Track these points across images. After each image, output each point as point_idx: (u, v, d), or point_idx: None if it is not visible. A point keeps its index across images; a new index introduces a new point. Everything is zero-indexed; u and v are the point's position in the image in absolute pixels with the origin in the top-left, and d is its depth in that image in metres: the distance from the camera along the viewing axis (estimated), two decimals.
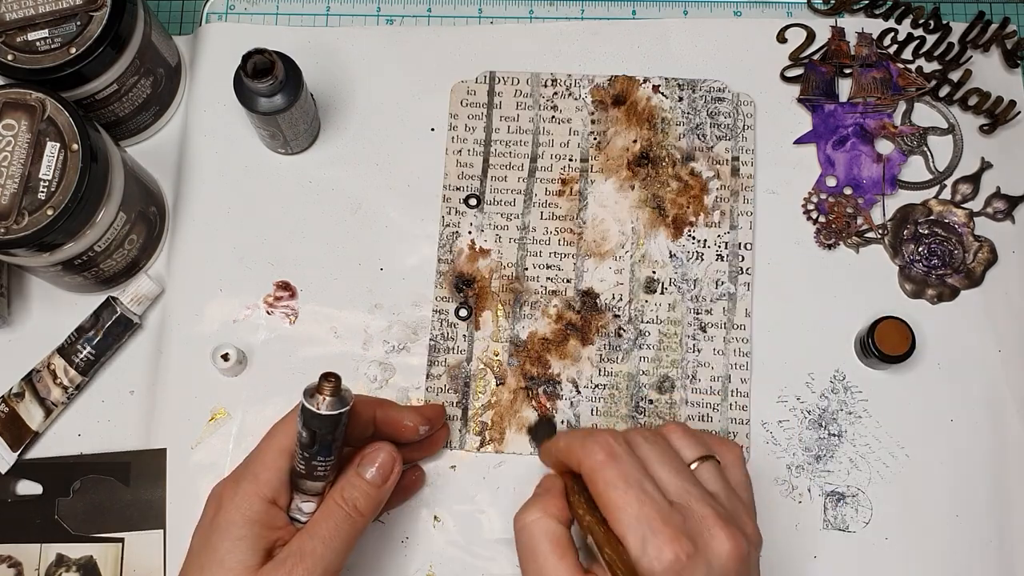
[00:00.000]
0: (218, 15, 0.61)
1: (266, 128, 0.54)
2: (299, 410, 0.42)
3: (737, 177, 0.57)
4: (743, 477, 0.45)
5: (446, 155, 0.58)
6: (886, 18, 0.60)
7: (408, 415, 0.49)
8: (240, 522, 0.43)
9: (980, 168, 0.58)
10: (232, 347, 0.54)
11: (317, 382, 0.42)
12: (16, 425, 0.53)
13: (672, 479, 0.42)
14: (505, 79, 0.59)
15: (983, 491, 0.53)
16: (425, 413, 0.50)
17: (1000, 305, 0.56)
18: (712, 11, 0.61)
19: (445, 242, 0.57)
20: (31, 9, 0.50)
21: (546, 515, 0.42)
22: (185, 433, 0.54)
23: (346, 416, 0.42)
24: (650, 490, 0.41)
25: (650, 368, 0.55)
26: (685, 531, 0.39)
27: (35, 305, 0.56)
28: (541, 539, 0.42)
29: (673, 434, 0.45)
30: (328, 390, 0.41)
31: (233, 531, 0.42)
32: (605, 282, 0.56)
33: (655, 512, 0.40)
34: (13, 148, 0.47)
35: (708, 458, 0.44)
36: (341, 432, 0.43)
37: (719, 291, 0.56)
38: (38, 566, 0.53)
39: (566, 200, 0.57)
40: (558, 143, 0.58)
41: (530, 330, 0.56)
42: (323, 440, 0.42)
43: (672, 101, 0.59)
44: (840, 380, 0.55)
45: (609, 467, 0.41)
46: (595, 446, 0.42)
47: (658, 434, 0.45)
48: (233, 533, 0.42)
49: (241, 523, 0.43)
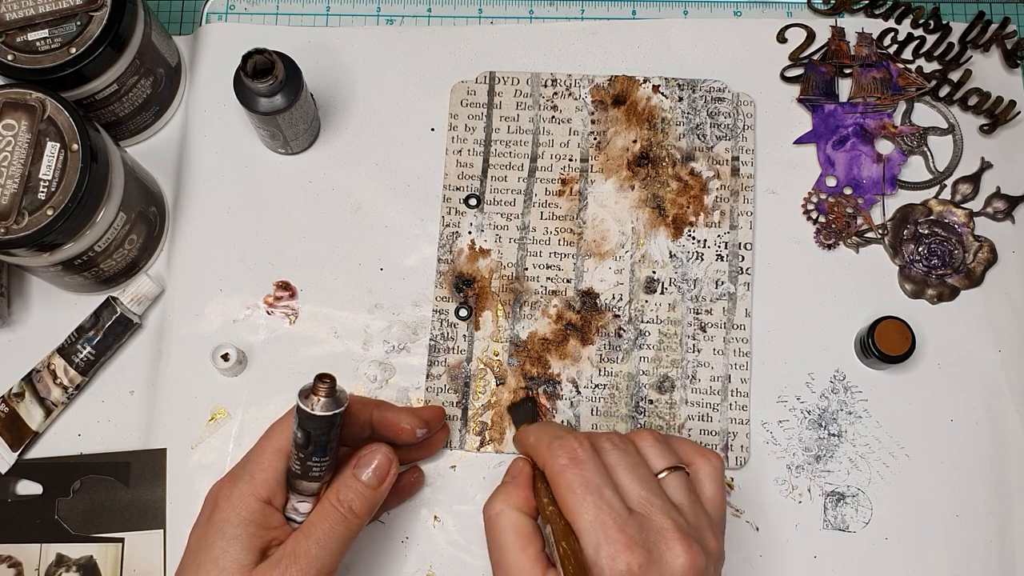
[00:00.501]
0: (218, 15, 0.61)
1: (266, 128, 0.54)
2: (294, 411, 0.42)
3: (737, 177, 0.57)
4: (715, 492, 0.44)
5: (446, 155, 0.58)
6: (886, 18, 0.60)
7: (405, 418, 0.49)
8: (235, 522, 0.43)
9: (980, 168, 0.58)
10: (232, 347, 0.54)
11: (312, 383, 0.42)
12: (16, 425, 0.53)
13: (635, 487, 0.42)
14: (505, 79, 0.59)
15: (983, 491, 0.54)
16: (423, 415, 0.50)
17: (1000, 305, 0.56)
18: (712, 11, 0.61)
19: (445, 242, 0.57)
20: (31, 9, 0.50)
21: (510, 507, 0.43)
22: (185, 433, 0.54)
23: (340, 417, 0.42)
24: (609, 497, 0.41)
25: (650, 368, 0.55)
26: (640, 541, 0.39)
27: (35, 305, 0.56)
28: (506, 530, 0.42)
29: (644, 442, 0.45)
30: (323, 391, 0.41)
31: (228, 530, 0.43)
32: (605, 282, 0.56)
33: (611, 520, 0.40)
34: (13, 148, 0.47)
35: (677, 469, 0.44)
36: (336, 433, 0.43)
37: (719, 291, 0.56)
38: (38, 566, 0.53)
39: (566, 200, 0.57)
40: (558, 143, 0.58)
41: (530, 330, 0.56)
42: (318, 441, 0.42)
43: (672, 101, 0.59)
44: (840, 380, 0.55)
45: (570, 471, 0.41)
46: (560, 450, 0.42)
47: (628, 441, 0.44)
48: (228, 532, 0.43)
49: (236, 523, 0.43)
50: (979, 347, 0.55)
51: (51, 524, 0.53)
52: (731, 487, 0.54)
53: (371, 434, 0.48)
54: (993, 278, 0.56)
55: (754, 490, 0.54)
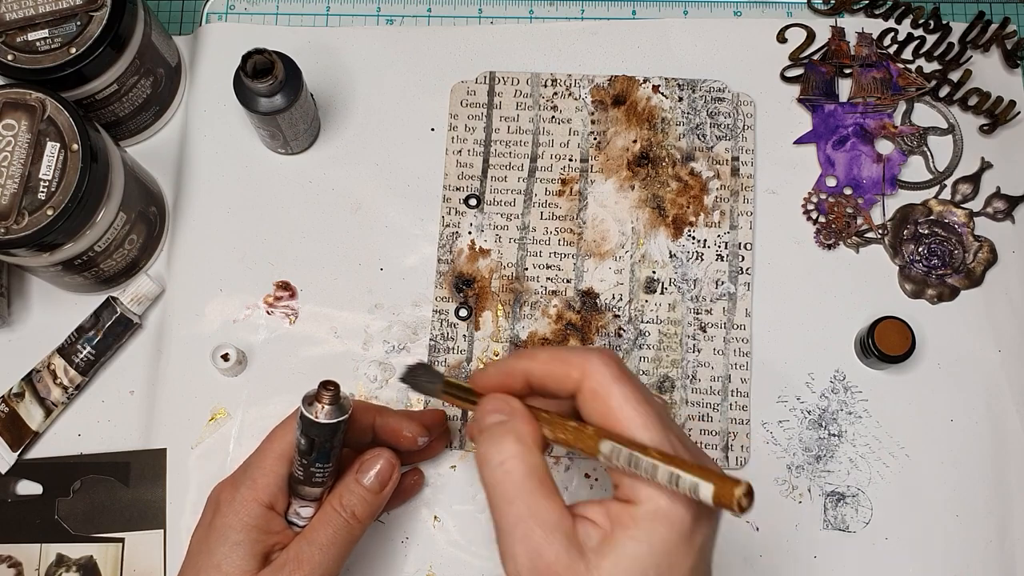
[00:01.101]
0: (218, 15, 0.61)
1: (266, 128, 0.54)
2: (297, 417, 0.42)
3: (737, 177, 0.57)
4: None
5: (446, 155, 0.58)
6: (886, 18, 0.60)
7: (407, 424, 0.48)
8: (237, 527, 0.43)
9: (980, 168, 0.58)
10: (232, 347, 0.54)
11: (316, 390, 0.41)
12: (16, 425, 0.53)
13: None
14: (505, 79, 0.59)
15: (983, 491, 0.53)
16: (425, 421, 0.50)
17: (1000, 305, 0.56)
18: (712, 11, 0.61)
19: (445, 242, 0.57)
20: (31, 9, 0.49)
21: (525, 446, 0.36)
22: (185, 433, 0.54)
23: (344, 424, 0.42)
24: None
25: (650, 368, 0.55)
26: None
27: (35, 305, 0.56)
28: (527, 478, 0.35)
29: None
30: (327, 398, 0.41)
31: (231, 535, 0.43)
32: (605, 282, 0.56)
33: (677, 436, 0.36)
34: (13, 148, 0.47)
35: None
36: (339, 440, 0.43)
37: (719, 291, 0.56)
38: (38, 566, 0.53)
39: (566, 200, 0.57)
40: (558, 143, 0.58)
41: (530, 330, 0.56)
42: (321, 448, 0.42)
43: (672, 101, 0.59)
44: (840, 380, 0.55)
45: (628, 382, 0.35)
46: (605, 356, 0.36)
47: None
48: (231, 538, 0.42)
49: (239, 528, 0.43)
50: (979, 347, 0.55)
51: (51, 524, 0.53)
52: None
53: (373, 439, 0.48)
54: (993, 278, 0.56)
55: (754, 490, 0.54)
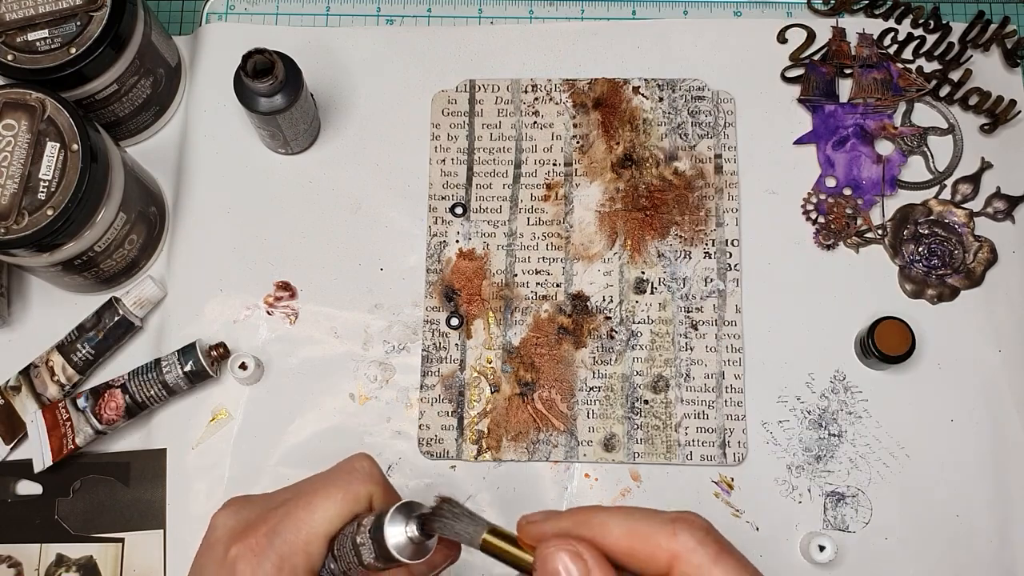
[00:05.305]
0: (218, 15, 0.61)
1: (266, 128, 0.54)
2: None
3: (721, 175, 0.57)
4: None
5: (430, 165, 0.58)
6: (886, 18, 0.60)
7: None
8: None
9: (980, 168, 0.58)
10: (250, 356, 0.53)
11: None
12: (10, 418, 0.53)
13: None
14: (485, 86, 0.59)
15: (983, 491, 0.53)
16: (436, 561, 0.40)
17: (1000, 305, 0.56)
18: (712, 11, 0.61)
19: (433, 251, 0.57)
20: (31, 9, 0.50)
21: None
22: (185, 433, 0.54)
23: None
24: None
25: (644, 368, 0.55)
26: None
27: (35, 305, 0.56)
28: None
29: None
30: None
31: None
32: (595, 284, 0.56)
33: None
34: (13, 148, 0.47)
35: None
36: None
37: (708, 288, 0.56)
38: (38, 566, 0.53)
39: (552, 205, 0.57)
40: (541, 148, 0.58)
41: (522, 336, 0.56)
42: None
43: (653, 102, 0.59)
44: (840, 380, 0.55)
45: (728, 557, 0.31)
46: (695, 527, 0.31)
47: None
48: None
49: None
50: (979, 347, 0.55)
51: (51, 524, 0.53)
52: (731, 487, 0.54)
53: None
54: (993, 278, 0.56)
55: (754, 490, 0.54)
